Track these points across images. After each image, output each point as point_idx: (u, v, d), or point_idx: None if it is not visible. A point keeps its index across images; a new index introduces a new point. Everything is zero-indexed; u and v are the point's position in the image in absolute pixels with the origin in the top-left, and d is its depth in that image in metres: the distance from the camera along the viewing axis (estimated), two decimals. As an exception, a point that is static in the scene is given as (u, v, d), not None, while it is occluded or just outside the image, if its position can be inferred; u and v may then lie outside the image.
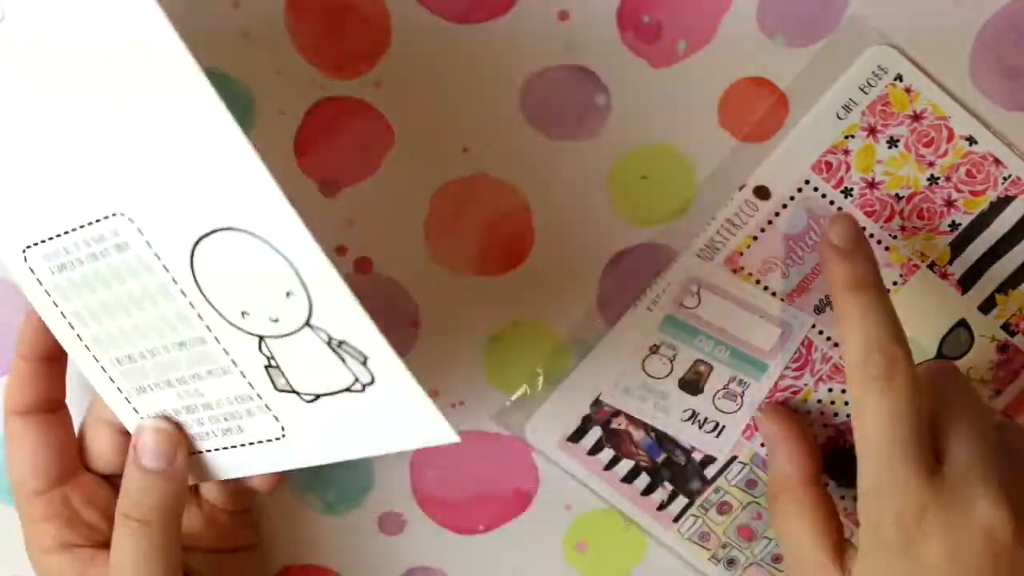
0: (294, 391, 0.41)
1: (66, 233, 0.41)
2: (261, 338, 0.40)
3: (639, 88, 0.47)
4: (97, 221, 0.40)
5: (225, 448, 0.44)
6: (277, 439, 0.43)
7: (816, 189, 0.48)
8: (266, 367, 0.41)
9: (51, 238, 0.41)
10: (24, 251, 0.42)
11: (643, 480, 0.52)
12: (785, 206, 0.49)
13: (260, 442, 0.44)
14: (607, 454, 0.51)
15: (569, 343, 0.50)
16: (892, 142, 0.48)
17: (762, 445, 0.51)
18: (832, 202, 0.48)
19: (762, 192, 0.48)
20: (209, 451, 0.45)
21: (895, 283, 0.49)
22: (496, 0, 0.47)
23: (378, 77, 0.47)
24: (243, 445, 0.44)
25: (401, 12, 0.47)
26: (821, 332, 0.50)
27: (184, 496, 0.44)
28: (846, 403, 0.50)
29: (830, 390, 0.50)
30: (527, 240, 0.49)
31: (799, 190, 0.48)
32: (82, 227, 0.41)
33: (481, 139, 0.48)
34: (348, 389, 0.40)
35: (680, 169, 0.48)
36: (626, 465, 0.52)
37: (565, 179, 0.48)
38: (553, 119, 0.48)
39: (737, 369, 0.50)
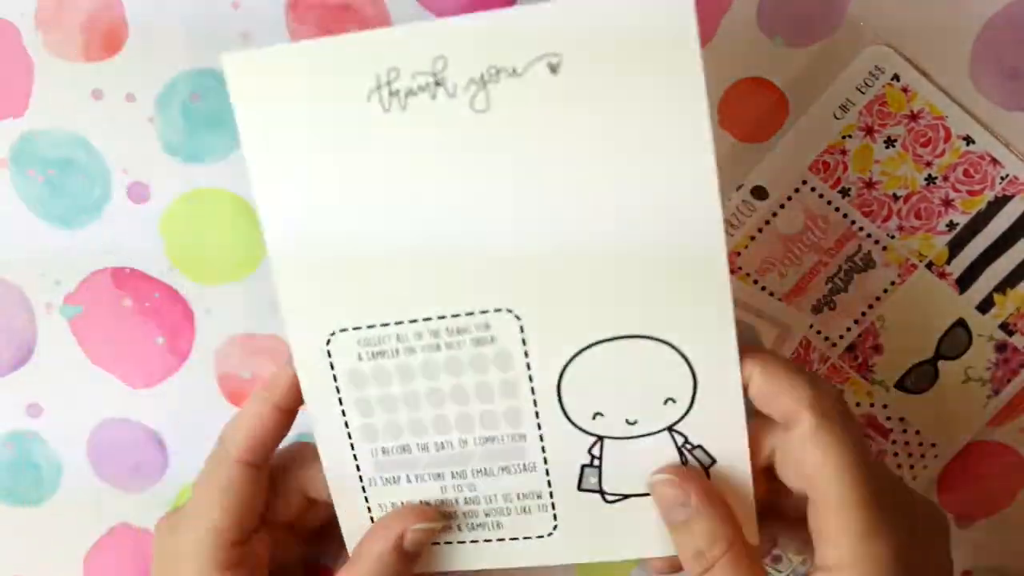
0: (600, 491, 0.42)
1: (413, 322, 0.41)
2: (600, 439, 0.42)
3: (639, 88, 0.47)
4: (469, 314, 0.41)
5: (468, 542, 0.44)
6: (539, 537, 0.43)
7: (814, 189, 0.48)
8: (583, 466, 0.42)
9: (386, 324, 0.41)
10: (331, 335, 0.42)
11: None
12: (783, 206, 0.49)
13: (516, 539, 0.44)
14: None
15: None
16: (889, 142, 0.48)
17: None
18: (829, 202, 0.48)
19: (759, 192, 0.49)
20: (444, 543, 0.44)
21: (893, 283, 0.49)
22: (496, 0, 0.47)
23: (378, 77, 0.47)
24: (494, 540, 0.44)
25: (401, 12, 0.47)
26: (819, 332, 0.50)
27: None
28: (844, 403, 0.51)
29: (828, 390, 0.51)
30: (527, 240, 0.49)
31: (796, 190, 0.48)
32: (442, 318, 0.41)
33: (481, 139, 0.48)
34: None
35: (680, 169, 0.48)
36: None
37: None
38: (553, 119, 0.48)
39: None
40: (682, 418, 0.41)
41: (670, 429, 0.41)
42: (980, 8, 0.47)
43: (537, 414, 0.42)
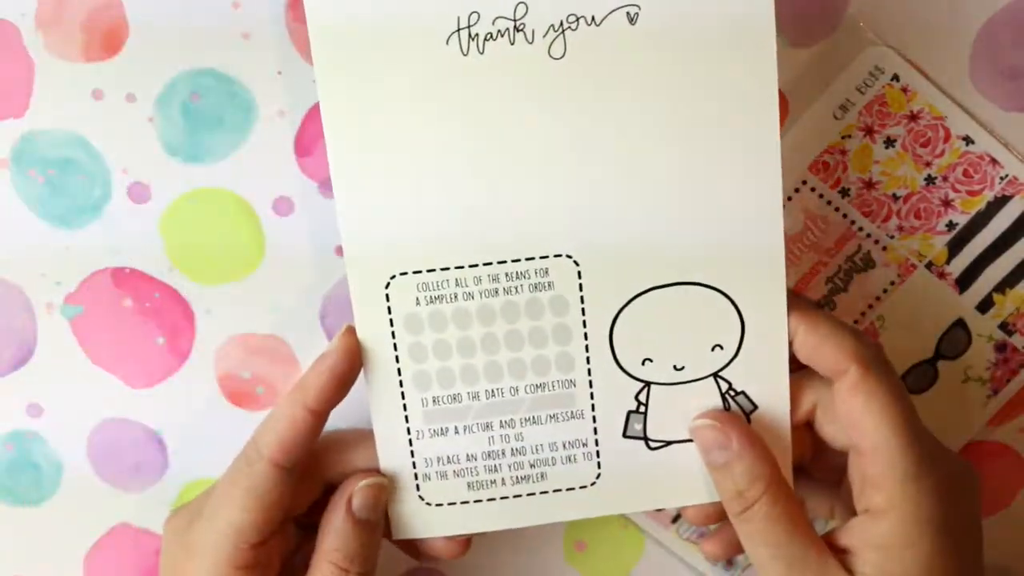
0: (644, 438, 0.44)
1: (473, 266, 0.42)
2: (647, 385, 0.43)
3: (639, 88, 0.47)
4: (529, 259, 0.42)
5: (511, 497, 0.45)
6: (582, 487, 0.44)
7: (813, 189, 0.48)
8: (629, 412, 0.44)
9: (447, 268, 0.42)
10: (391, 278, 0.42)
11: None
12: (783, 206, 0.49)
13: (559, 491, 0.45)
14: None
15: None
16: (889, 142, 0.48)
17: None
18: (829, 202, 0.48)
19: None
20: (486, 500, 0.45)
21: (892, 283, 0.49)
22: (496, 0, 0.47)
23: (378, 77, 0.48)
24: (538, 493, 0.45)
25: (401, 12, 0.47)
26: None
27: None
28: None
29: (827, 390, 0.51)
30: (527, 240, 0.49)
31: (796, 190, 0.49)
32: (502, 263, 0.42)
33: (481, 139, 0.48)
34: None
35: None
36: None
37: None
38: (553, 119, 0.48)
39: None
40: (728, 364, 0.43)
41: (715, 375, 0.43)
42: (980, 8, 0.47)
43: (588, 360, 0.43)
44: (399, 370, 0.43)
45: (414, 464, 0.44)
